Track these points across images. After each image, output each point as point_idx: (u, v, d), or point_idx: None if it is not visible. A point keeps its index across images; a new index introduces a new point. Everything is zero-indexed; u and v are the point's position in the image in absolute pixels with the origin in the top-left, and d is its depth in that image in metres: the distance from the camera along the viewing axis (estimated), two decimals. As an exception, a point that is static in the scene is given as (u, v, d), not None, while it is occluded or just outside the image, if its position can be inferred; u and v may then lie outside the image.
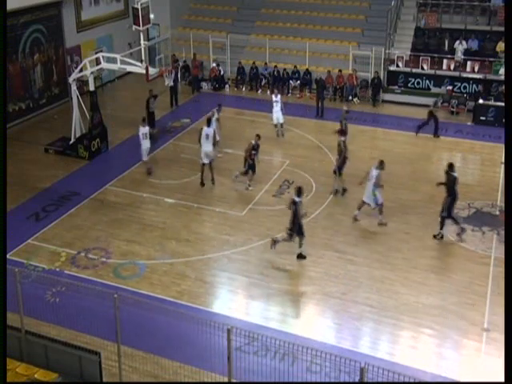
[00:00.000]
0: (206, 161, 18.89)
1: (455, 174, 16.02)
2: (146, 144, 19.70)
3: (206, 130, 18.93)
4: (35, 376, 10.03)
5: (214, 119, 20.36)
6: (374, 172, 16.50)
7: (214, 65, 28.73)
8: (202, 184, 19.04)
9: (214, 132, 19.22)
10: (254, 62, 28.46)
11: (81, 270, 14.89)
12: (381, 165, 16.56)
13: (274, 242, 15.32)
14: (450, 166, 16.11)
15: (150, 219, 17.28)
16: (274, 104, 22.78)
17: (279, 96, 23.12)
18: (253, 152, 18.63)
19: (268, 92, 27.60)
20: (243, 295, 14.31)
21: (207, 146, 18.82)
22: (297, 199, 14.97)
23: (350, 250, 15.74)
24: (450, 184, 15.92)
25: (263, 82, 28.36)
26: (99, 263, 15.20)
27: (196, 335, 10.50)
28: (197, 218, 17.50)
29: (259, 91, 28.34)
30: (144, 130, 19.59)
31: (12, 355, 10.54)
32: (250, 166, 18.76)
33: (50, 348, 10.65)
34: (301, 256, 15.31)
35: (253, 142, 18.73)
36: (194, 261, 15.38)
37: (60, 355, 10.55)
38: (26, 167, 20.60)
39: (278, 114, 22.82)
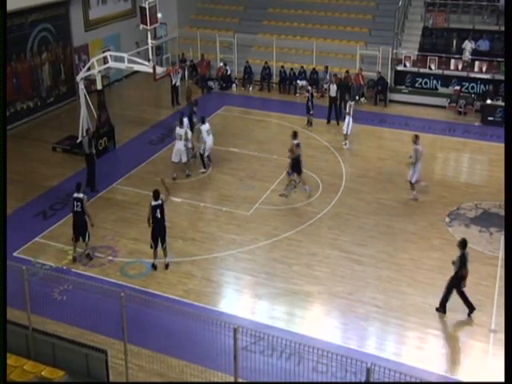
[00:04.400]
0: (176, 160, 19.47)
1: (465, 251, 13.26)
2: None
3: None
4: (42, 373, 10.06)
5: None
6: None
7: (221, 64, 28.76)
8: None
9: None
10: (266, 62, 28.29)
11: (88, 269, 14.93)
12: None
13: None
14: (463, 243, 13.22)
15: (157, 218, 17.28)
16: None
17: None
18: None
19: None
20: (249, 294, 14.32)
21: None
22: (154, 202, 14.59)
23: (357, 249, 15.72)
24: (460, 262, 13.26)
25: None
26: (106, 262, 15.24)
27: (202, 334, 10.54)
28: (203, 217, 17.52)
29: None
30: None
31: (19, 353, 10.60)
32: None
33: (57, 346, 10.69)
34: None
35: (295, 142, 18.32)
36: (200, 260, 15.39)
37: (67, 353, 10.59)
38: (33, 165, 20.68)
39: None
